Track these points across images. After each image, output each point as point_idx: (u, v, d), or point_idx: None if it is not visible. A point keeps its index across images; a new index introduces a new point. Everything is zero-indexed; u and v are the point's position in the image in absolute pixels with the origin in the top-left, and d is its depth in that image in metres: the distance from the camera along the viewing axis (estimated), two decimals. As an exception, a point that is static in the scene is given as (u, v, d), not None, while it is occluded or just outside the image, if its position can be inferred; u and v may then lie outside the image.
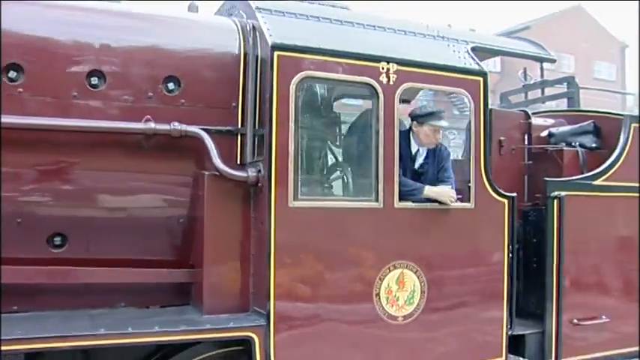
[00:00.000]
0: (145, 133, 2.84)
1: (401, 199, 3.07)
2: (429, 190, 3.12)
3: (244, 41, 3.11)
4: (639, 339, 3.82)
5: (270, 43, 2.82)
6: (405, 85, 3.10)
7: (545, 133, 4.49)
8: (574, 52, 34.58)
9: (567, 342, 3.66)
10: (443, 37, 3.53)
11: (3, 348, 2.40)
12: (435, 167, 3.24)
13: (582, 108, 4.78)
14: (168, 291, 3.11)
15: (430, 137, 3.22)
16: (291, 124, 2.83)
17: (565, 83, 4.85)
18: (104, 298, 2.97)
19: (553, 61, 4.20)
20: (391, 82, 3.07)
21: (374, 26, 3.33)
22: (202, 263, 2.94)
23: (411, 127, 3.25)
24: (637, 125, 4.07)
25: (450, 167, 3.28)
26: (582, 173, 4.06)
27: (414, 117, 3.22)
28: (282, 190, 2.80)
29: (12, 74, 2.70)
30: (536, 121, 4.51)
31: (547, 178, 3.76)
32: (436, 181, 3.20)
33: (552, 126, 4.56)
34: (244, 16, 3.23)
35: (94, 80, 2.83)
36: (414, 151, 3.27)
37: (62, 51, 2.79)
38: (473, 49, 3.54)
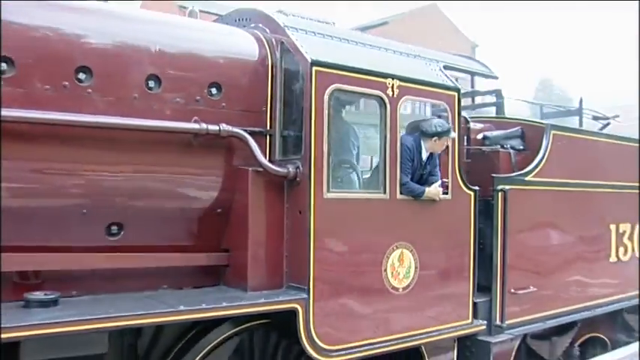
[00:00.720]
0: (198, 133, 3.28)
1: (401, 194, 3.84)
2: (428, 192, 3.90)
3: (271, 53, 3.64)
4: None
5: (309, 60, 3.40)
6: (404, 98, 3.86)
7: (480, 136, 5.50)
8: (429, 48, 38.59)
9: (508, 307, 4.68)
10: (422, 57, 4.35)
11: (98, 325, 2.75)
12: (432, 167, 4.04)
13: (507, 115, 5.91)
14: (199, 273, 3.57)
15: (443, 146, 4.02)
16: (325, 129, 3.45)
17: (494, 94, 5.94)
18: (149, 281, 3.36)
19: (496, 77, 5.22)
20: (395, 95, 3.80)
21: (373, 46, 4.04)
22: (238, 247, 3.45)
23: (420, 137, 4.00)
24: (555, 132, 5.22)
25: (438, 166, 4.10)
26: (513, 171, 5.10)
27: (431, 133, 3.96)
28: (319, 183, 3.41)
29: (81, 76, 3.00)
30: (473, 125, 5.52)
31: (494, 175, 4.73)
32: (429, 177, 4.00)
33: (485, 130, 5.60)
34: (267, 30, 3.76)
35: (152, 83, 3.21)
36: (424, 157, 4.02)
37: (125, 56, 3.14)
38: (444, 67, 4.40)
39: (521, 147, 5.34)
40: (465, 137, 5.29)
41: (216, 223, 3.53)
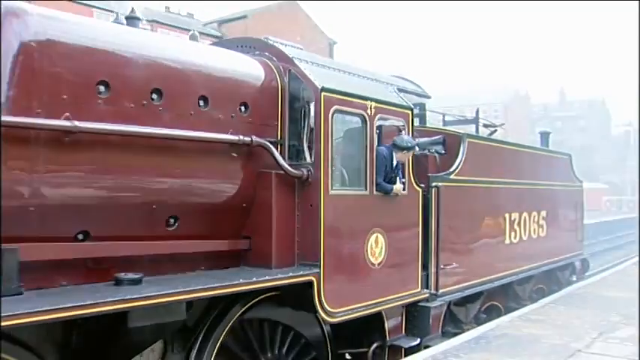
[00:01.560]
0: (235, 143, 4.20)
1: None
2: (395, 189, 5.14)
3: (280, 78, 4.65)
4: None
5: (319, 87, 4.47)
6: (378, 116, 5.07)
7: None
8: (289, 42, 40.07)
9: (440, 280, 6.10)
10: (380, 81, 5.59)
11: (181, 297, 3.59)
12: (397, 170, 5.28)
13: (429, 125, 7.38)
14: (225, 257, 4.48)
15: (408, 157, 5.27)
16: (330, 140, 4.54)
17: (418, 107, 7.36)
18: (192, 264, 4.22)
19: (429, 97, 6.63)
20: (372, 114, 5.00)
21: (351, 73, 5.20)
22: (261, 234, 4.43)
23: (393, 149, 5.20)
24: (470, 140, 6.76)
25: (400, 170, 5.36)
26: (439, 171, 6.55)
27: (402, 147, 5.18)
28: (326, 183, 4.50)
29: (154, 96, 3.80)
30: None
31: (430, 174, 6.11)
32: (395, 178, 5.24)
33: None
34: (274, 58, 4.75)
35: (202, 103, 4.07)
36: (394, 164, 5.23)
37: (184, 80, 3.97)
38: (398, 89, 5.69)
39: (443, 151, 6.81)
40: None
41: (240, 216, 4.47)
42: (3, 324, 2.80)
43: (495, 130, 9.01)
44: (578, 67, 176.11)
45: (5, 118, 3.09)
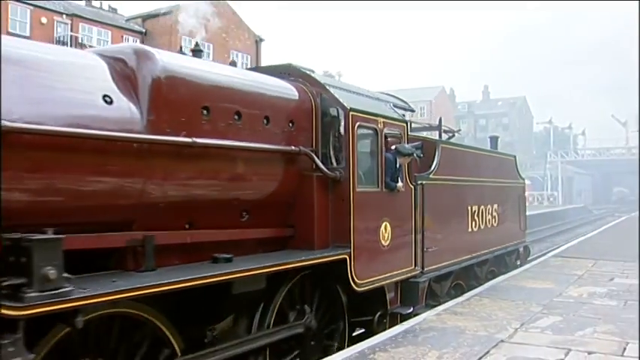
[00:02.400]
0: (289, 151, 5.50)
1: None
2: (397, 187, 6.60)
3: (314, 100, 5.98)
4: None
5: (348, 108, 5.85)
6: (385, 129, 6.50)
7: (393, 147, 8.38)
8: (214, 40, 38.85)
9: (425, 260, 7.61)
10: (380, 99, 7.03)
11: (265, 270, 4.86)
12: (399, 171, 6.73)
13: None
14: (273, 242, 5.76)
15: (408, 161, 6.72)
16: (356, 148, 5.93)
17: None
18: (253, 247, 5.47)
19: (413, 111, 8.13)
20: (381, 128, 6.43)
21: (361, 93, 6.61)
22: (304, 223, 5.74)
23: (397, 154, 6.64)
24: (443, 145, 8.33)
25: (401, 171, 6.81)
26: (419, 172, 8.07)
27: (404, 154, 6.62)
28: (353, 182, 5.88)
29: (236, 117, 5.03)
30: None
31: (416, 174, 7.61)
32: (397, 177, 6.69)
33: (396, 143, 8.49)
34: (307, 84, 6.07)
35: (265, 121, 5.34)
36: (398, 166, 6.67)
37: (254, 103, 5.23)
38: (394, 105, 7.16)
39: (421, 155, 8.34)
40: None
41: (287, 209, 5.77)
42: (155, 290, 3.98)
43: (453, 135, 10.71)
44: (502, 68, 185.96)
45: (148, 136, 4.27)
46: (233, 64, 5.84)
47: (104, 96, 4.10)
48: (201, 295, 4.50)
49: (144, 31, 38.97)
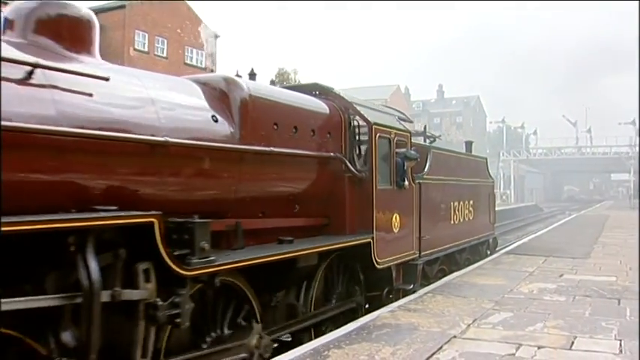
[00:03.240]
0: (327, 157, 7.07)
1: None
2: (405, 185, 8.26)
3: (343, 114, 7.55)
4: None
5: (372, 122, 7.47)
6: (396, 138, 8.15)
7: (400, 151, 10.05)
8: (168, 36, 39.90)
9: (421, 245, 9.31)
10: (390, 114, 8.68)
11: (318, 250, 6.42)
12: (406, 172, 8.39)
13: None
14: (314, 229, 7.31)
15: (411, 165, 8.37)
16: (376, 154, 7.55)
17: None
18: (300, 233, 7.01)
19: (411, 122, 9.80)
20: (393, 137, 8.08)
21: (375, 109, 8.23)
22: (337, 214, 7.32)
23: (404, 158, 8.28)
24: (434, 150, 10.06)
25: (407, 172, 8.47)
26: (415, 173, 9.76)
27: (411, 158, 8.26)
28: (375, 181, 7.50)
29: (294, 130, 6.56)
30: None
31: (414, 174, 9.27)
32: (404, 177, 8.35)
33: (393, 148, 10.17)
34: (337, 102, 7.63)
35: (312, 133, 6.89)
36: (405, 168, 8.32)
37: (305, 119, 6.77)
38: (398, 117, 8.82)
39: (417, 158, 10.03)
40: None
41: (324, 202, 7.32)
42: (251, 263, 5.49)
43: (435, 140, 12.50)
44: (456, 67, 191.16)
45: (241, 146, 5.76)
46: (253, 76, 7.27)
47: (212, 116, 5.58)
48: (272, 267, 6.02)
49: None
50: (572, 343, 5.93)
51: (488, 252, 13.84)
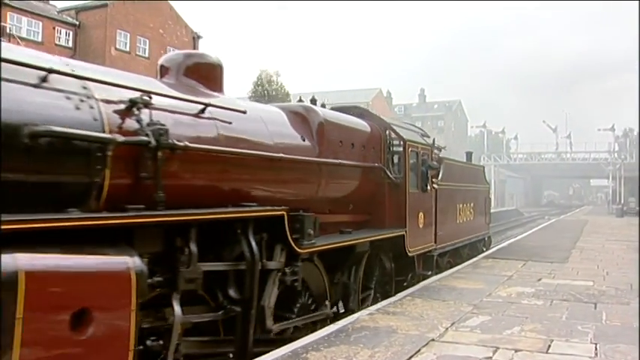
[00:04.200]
0: (372, 166, 9.10)
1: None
2: (428, 189, 10.35)
3: (382, 132, 9.60)
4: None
5: (405, 139, 9.54)
6: (422, 151, 10.24)
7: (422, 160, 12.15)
8: (150, 36, 40.57)
9: (437, 239, 11.39)
10: (415, 131, 10.76)
11: (370, 239, 8.45)
12: (428, 179, 10.47)
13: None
14: (359, 224, 9.33)
15: (433, 173, 10.46)
16: (408, 164, 9.62)
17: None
18: (352, 226, 9.02)
19: (429, 137, 11.89)
20: (419, 151, 10.16)
21: (403, 127, 10.31)
22: (379, 212, 9.36)
23: (428, 168, 10.35)
24: (445, 161, 12.18)
25: (429, 178, 10.55)
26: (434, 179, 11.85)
27: (434, 168, 10.34)
28: (407, 186, 9.57)
29: (352, 145, 8.56)
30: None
31: (432, 180, 11.36)
32: (428, 183, 10.42)
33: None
34: (377, 121, 9.68)
35: (362, 147, 8.92)
36: (427, 176, 10.39)
37: (358, 138, 8.80)
38: (421, 134, 10.92)
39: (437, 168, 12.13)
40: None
41: (368, 202, 9.35)
42: (340, 244, 7.49)
43: (441, 150, 14.61)
44: (439, 71, 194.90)
45: (320, 160, 7.74)
46: (314, 101, 9.23)
47: (301, 136, 7.57)
48: (337, 252, 8.01)
49: (77, 23, 38.88)
50: (549, 346, 6.03)
51: (484, 248, 16.01)
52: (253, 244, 5.82)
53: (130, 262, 4.24)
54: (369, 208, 9.40)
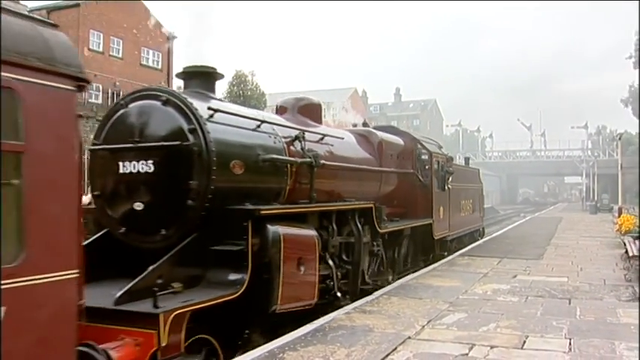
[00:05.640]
0: (406, 172, 12.64)
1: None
2: (446, 189, 13.97)
3: (414, 146, 13.15)
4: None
5: (431, 151, 13.14)
6: (441, 161, 13.84)
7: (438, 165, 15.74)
8: (123, 36, 40.00)
9: (449, 227, 14.97)
10: (433, 143, 14.36)
11: (409, 226, 11.97)
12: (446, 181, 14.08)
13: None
14: (398, 215, 12.83)
15: (449, 176, 14.07)
16: (433, 171, 13.21)
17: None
18: (395, 217, 12.51)
19: (441, 147, 15.47)
20: (439, 160, 13.76)
21: (423, 140, 13.90)
22: (411, 206, 12.90)
23: (446, 171, 13.94)
24: (455, 166, 15.81)
25: (447, 180, 14.16)
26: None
27: (451, 173, 13.93)
28: (433, 187, 13.16)
29: (396, 157, 12.07)
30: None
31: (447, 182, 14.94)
32: (446, 184, 14.02)
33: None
34: (408, 136, 13.22)
35: (398, 157, 12.44)
36: (446, 178, 13.99)
37: (395, 151, 12.32)
38: (439, 146, 14.53)
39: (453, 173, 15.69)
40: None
41: (403, 198, 12.86)
42: (402, 227, 11.00)
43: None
44: (413, 71, 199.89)
45: (381, 169, 11.22)
46: (365, 124, 12.72)
47: (368, 152, 11.05)
48: (392, 234, 11.45)
49: (51, 22, 36.59)
50: (524, 342, 6.15)
51: (480, 238, 19.73)
52: (359, 225, 9.26)
53: (314, 232, 7.63)
54: (405, 203, 12.91)
